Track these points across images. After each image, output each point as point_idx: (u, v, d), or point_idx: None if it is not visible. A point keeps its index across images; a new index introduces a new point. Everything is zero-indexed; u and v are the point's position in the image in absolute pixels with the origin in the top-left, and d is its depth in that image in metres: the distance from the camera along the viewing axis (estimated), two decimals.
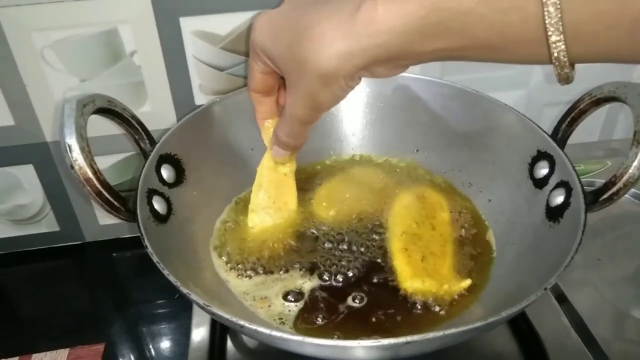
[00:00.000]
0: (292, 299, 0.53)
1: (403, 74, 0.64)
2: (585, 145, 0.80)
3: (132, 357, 0.61)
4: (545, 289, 0.40)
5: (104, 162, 0.69)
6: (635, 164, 0.45)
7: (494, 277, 0.54)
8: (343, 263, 0.56)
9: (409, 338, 0.36)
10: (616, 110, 0.83)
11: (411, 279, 0.53)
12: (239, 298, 0.53)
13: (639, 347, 0.55)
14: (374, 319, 0.51)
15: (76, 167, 0.44)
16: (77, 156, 0.43)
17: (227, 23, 0.63)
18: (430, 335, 0.36)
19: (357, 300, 0.53)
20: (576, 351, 0.54)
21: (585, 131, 0.84)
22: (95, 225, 0.75)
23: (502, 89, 0.75)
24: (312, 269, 0.55)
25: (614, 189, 0.47)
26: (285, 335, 0.37)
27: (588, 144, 0.82)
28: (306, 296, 0.53)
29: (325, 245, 0.58)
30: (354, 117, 0.68)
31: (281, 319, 0.51)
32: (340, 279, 0.55)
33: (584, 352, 0.54)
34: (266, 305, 0.52)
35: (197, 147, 0.59)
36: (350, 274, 0.55)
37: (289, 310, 0.52)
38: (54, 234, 0.74)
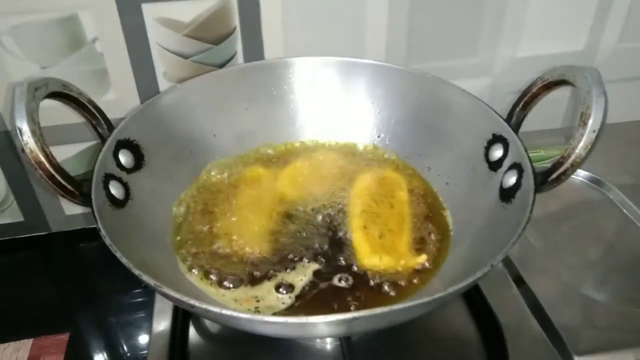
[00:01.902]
0: (284, 291, 0.52)
1: (367, 60, 0.65)
2: (547, 132, 0.81)
3: (97, 347, 0.61)
4: (492, 265, 0.41)
5: (66, 152, 0.69)
6: (581, 144, 0.46)
7: (452, 256, 0.55)
8: (307, 244, 0.57)
9: (355, 314, 0.37)
10: (578, 97, 0.84)
11: (369, 256, 0.54)
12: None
13: (594, 329, 0.56)
14: (335, 298, 0.51)
15: (27, 151, 0.43)
16: (27, 139, 0.43)
17: (191, 10, 0.63)
18: (378, 310, 0.37)
19: (322, 281, 0.53)
20: (532, 333, 0.56)
21: (548, 118, 0.85)
22: (61, 216, 0.74)
23: (467, 76, 0.76)
24: (279, 254, 0.56)
25: (562, 169, 0.47)
26: (234, 314, 0.37)
27: (550, 130, 0.83)
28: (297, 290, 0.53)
29: (290, 227, 0.59)
30: (317, 104, 0.68)
31: (257, 307, 0.51)
32: (306, 261, 0.55)
33: (540, 334, 0.55)
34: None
35: (157, 133, 0.59)
36: (316, 254, 0.56)
37: (283, 302, 0.51)
38: (18, 224, 0.74)
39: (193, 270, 0.54)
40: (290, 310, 0.50)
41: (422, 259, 0.54)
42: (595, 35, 0.78)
